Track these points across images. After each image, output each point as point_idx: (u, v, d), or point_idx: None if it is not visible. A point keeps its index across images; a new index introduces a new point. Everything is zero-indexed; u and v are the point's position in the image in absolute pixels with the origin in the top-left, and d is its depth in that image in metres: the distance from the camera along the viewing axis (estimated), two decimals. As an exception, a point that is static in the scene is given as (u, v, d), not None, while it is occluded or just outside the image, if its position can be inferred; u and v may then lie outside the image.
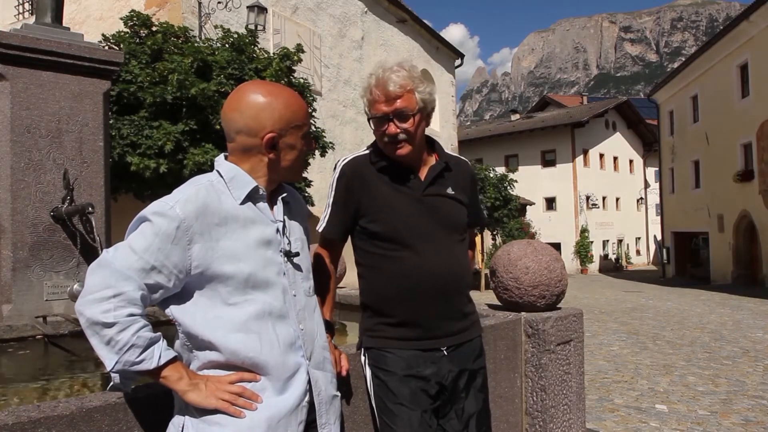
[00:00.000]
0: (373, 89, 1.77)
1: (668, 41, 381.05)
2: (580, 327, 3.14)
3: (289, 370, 1.37)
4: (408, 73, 1.76)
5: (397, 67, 1.76)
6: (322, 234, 1.90)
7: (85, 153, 3.43)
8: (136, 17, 8.35)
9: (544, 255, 3.02)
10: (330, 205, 1.88)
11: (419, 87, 1.77)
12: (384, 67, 1.77)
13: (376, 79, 1.77)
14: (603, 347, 8.00)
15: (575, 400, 3.07)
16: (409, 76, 1.76)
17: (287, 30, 13.37)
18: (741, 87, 18.83)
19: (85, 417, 1.41)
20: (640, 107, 35.03)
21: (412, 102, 1.76)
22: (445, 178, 1.90)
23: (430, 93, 1.81)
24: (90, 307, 1.23)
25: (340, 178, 1.86)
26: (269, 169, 1.43)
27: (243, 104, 1.39)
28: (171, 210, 1.29)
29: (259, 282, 1.36)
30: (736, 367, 6.70)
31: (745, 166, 18.51)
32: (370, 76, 1.80)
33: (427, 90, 1.79)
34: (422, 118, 1.81)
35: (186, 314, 1.33)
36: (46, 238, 3.25)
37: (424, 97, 1.78)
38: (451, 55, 21.06)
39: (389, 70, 1.75)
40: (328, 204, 1.89)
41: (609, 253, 32.16)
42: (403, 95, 1.74)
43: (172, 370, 1.29)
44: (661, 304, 13.91)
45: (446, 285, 1.83)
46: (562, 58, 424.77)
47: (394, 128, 1.76)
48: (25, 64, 3.22)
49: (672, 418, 4.75)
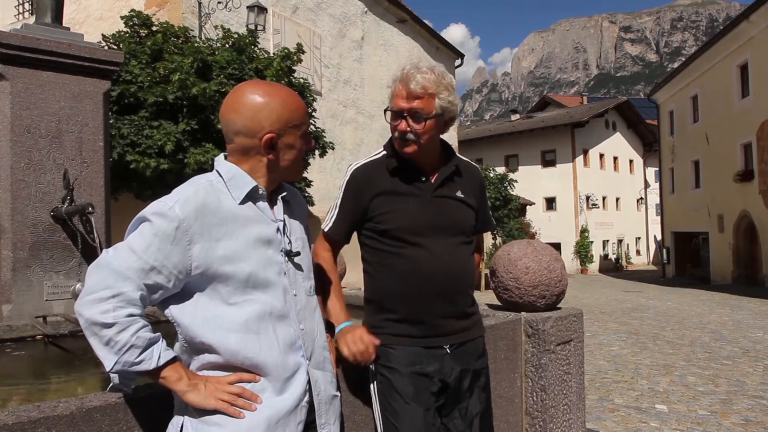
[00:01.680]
0: (398, 83, 1.80)
1: (668, 41, 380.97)
2: (580, 327, 3.14)
3: (288, 371, 1.37)
4: (435, 77, 1.78)
5: (427, 69, 1.78)
6: (327, 233, 1.92)
7: (85, 153, 3.42)
8: (136, 17, 8.35)
9: (544, 255, 3.02)
10: (337, 206, 1.90)
11: (441, 93, 1.78)
12: (415, 65, 1.79)
13: (402, 75, 1.79)
14: (603, 347, 8.00)
15: (575, 400, 3.07)
16: (436, 80, 1.77)
17: (287, 30, 13.36)
18: (741, 87, 18.82)
19: (85, 417, 1.41)
20: (640, 107, 35.03)
21: (430, 106, 1.77)
22: (455, 182, 1.93)
23: (451, 102, 1.81)
24: (89, 307, 1.23)
25: (350, 181, 1.89)
26: (269, 169, 1.42)
27: (241, 105, 1.38)
28: (170, 210, 1.29)
29: (260, 282, 1.36)
30: (736, 367, 6.70)
31: (745, 166, 18.51)
32: (400, 70, 1.82)
33: (449, 98, 1.80)
34: (437, 124, 1.82)
35: (186, 314, 1.32)
36: (46, 238, 3.25)
37: (444, 104, 1.79)
38: (451, 55, 21.04)
39: (418, 70, 1.77)
40: (336, 205, 1.91)
41: (609, 253, 32.16)
42: (424, 97, 1.76)
43: (172, 371, 1.29)
44: (661, 304, 13.91)
45: (450, 284, 1.85)
46: (562, 58, 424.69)
47: (405, 126, 1.79)
48: (25, 64, 3.21)
49: (672, 418, 4.75)
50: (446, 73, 1.85)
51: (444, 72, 1.84)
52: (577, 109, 34.26)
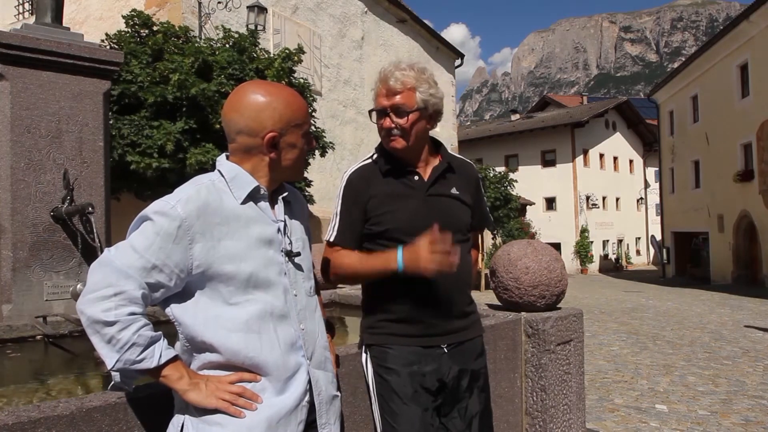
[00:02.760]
0: (378, 84, 1.84)
1: (668, 41, 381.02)
2: (580, 327, 3.14)
3: (289, 370, 1.37)
4: (414, 73, 1.81)
5: (405, 66, 1.82)
6: (334, 243, 1.89)
7: (85, 153, 3.43)
8: (137, 17, 8.36)
9: (544, 255, 3.02)
10: (338, 214, 1.90)
11: (421, 87, 1.81)
12: (393, 64, 1.84)
13: (381, 75, 1.84)
14: (603, 347, 8.00)
15: (575, 400, 3.07)
16: (415, 76, 1.81)
17: (287, 30, 13.37)
18: (741, 87, 18.82)
19: (85, 417, 1.41)
20: (640, 107, 35.02)
21: (411, 100, 1.80)
22: (449, 179, 1.93)
23: (433, 95, 1.84)
24: (91, 305, 1.23)
25: (347, 186, 1.89)
26: (270, 168, 1.43)
27: (243, 105, 1.39)
28: (172, 209, 1.29)
29: (261, 281, 1.36)
30: (736, 367, 6.70)
31: (745, 166, 18.51)
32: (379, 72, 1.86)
33: (430, 92, 1.83)
34: (421, 117, 1.84)
35: (187, 314, 1.33)
36: (46, 238, 3.25)
37: (425, 97, 1.82)
38: (451, 55, 21.05)
39: (396, 68, 1.82)
40: (336, 213, 1.90)
41: (609, 253, 32.16)
42: (403, 92, 1.80)
43: (173, 369, 1.29)
44: (661, 304, 13.91)
45: (447, 283, 1.84)
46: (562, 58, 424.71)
47: (389, 122, 1.82)
48: (25, 64, 3.22)
49: (672, 418, 4.75)
50: (427, 69, 1.88)
51: (424, 68, 1.87)
52: (577, 109, 34.26)
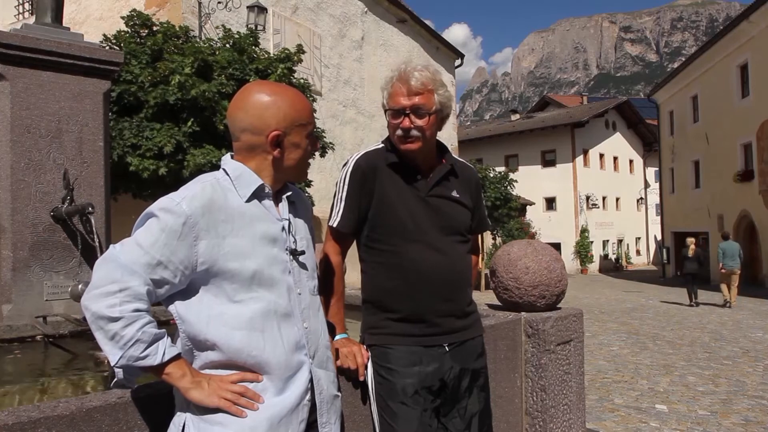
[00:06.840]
0: (396, 82, 1.83)
1: (668, 41, 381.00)
2: (580, 327, 3.14)
3: (291, 369, 1.38)
4: (431, 74, 1.83)
5: (422, 67, 1.83)
6: (336, 228, 1.90)
7: (85, 153, 3.43)
8: (137, 17, 8.35)
9: (544, 255, 3.01)
10: (343, 198, 1.88)
11: (439, 90, 1.83)
12: (409, 65, 1.84)
13: (399, 73, 1.83)
14: (603, 347, 8.00)
15: (575, 400, 3.07)
16: (432, 77, 1.82)
17: (287, 30, 13.36)
18: (741, 87, 18.83)
19: (85, 417, 1.41)
20: (640, 107, 35.02)
21: (430, 101, 1.81)
22: (450, 182, 1.94)
23: (448, 98, 1.86)
24: (96, 301, 1.23)
25: (355, 170, 1.88)
26: (274, 167, 1.43)
27: (248, 103, 1.40)
28: (177, 206, 1.30)
29: (265, 279, 1.37)
30: (736, 367, 6.70)
31: (745, 166, 18.52)
32: (393, 71, 1.86)
33: (446, 95, 1.85)
34: (437, 119, 1.86)
35: (191, 311, 1.33)
36: (46, 238, 3.25)
37: (442, 100, 1.84)
38: (451, 55, 21.05)
39: (414, 68, 1.82)
40: (341, 198, 1.89)
41: (609, 253, 32.16)
42: (424, 93, 1.80)
43: (176, 367, 1.29)
44: (661, 304, 13.91)
45: (447, 282, 1.86)
46: (562, 58, 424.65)
47: (409, 123, 1.81)
48: (25, 64, 3.21)
49: (672, 418, 4.75)
50: (438, 71, 1.90)
51: (437, 70, 1.89)
52: (577, 109, 34.26)
